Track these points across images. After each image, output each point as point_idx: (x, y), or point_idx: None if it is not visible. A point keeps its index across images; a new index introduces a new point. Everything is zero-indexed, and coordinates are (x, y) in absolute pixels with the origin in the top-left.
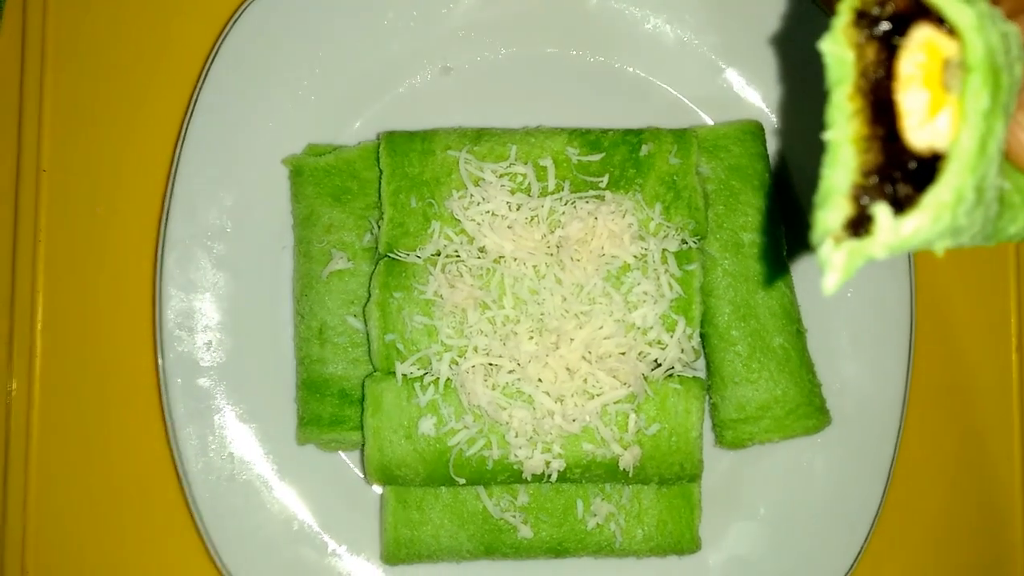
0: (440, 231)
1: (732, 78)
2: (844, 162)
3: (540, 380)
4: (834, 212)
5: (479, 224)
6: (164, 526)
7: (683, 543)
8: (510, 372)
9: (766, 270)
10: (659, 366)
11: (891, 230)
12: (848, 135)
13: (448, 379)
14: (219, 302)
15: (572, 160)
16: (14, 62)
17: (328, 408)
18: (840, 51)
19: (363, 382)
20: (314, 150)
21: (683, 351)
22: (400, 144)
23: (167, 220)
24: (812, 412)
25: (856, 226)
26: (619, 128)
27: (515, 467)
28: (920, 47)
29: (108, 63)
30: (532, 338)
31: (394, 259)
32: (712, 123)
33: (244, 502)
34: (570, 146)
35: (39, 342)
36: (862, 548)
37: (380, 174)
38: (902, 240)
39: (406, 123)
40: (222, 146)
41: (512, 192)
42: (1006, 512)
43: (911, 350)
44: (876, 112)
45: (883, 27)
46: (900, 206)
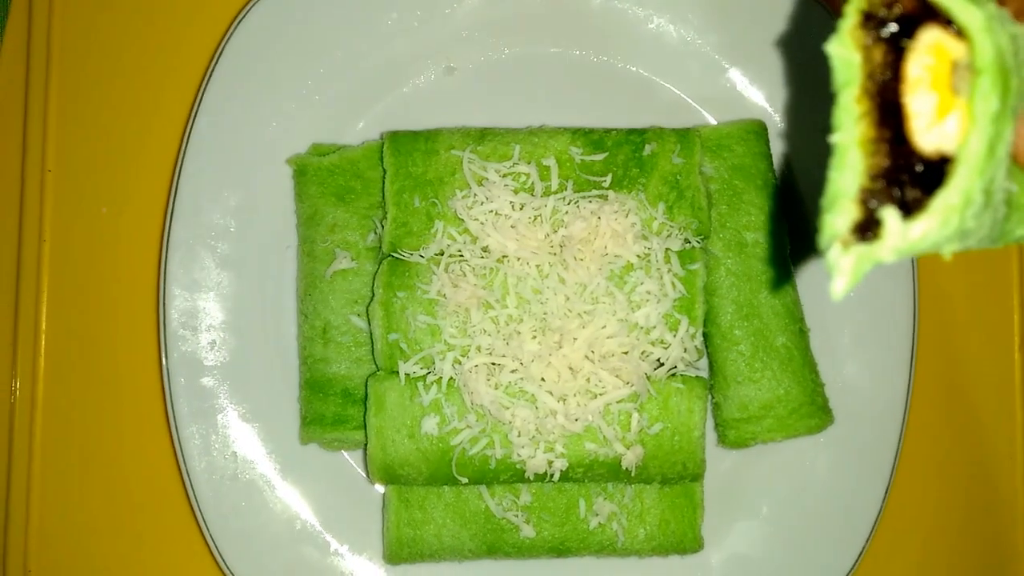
0: (444, 231)
1: (735, 77)
2: (851, 165)
3: (543, 379)
4: (842, 216)
5: (482, 223)
6: (167, 525)
7: (685, 543)
8: (513, 371)
9: (770, 270)
10: (662, 365)
11: (899, 234)
12: (855, 138)
13: (451, 378)
14: (223, 301)
15: (575, 160)
16: (20, 63)
17: (331, 407)
18: (847, 53)
19: (366, 381)
20: (318, 150)
21: (686, 350)
22: (404, 144)
23: (171, 220)
24: (815, 411)
25: (864, 230)
26: (622, 128)
27: (518, 466)
28: (928, 49)
29: (113, 64)
30: (535, 337)
31: (398, 259)
32: (715, 123)
33: (247, 501)
34: (573, 145)
35: (43, 342)
36: (864, 547)
37: (384, 174)
38: (911, 244)
39: (410, 123)
40: (226, 146)
41: (515, 192)
42: (1008, 512)
43: (914, 350)
44: (883, 115)
45: (890, 29)
46: (908, 209)
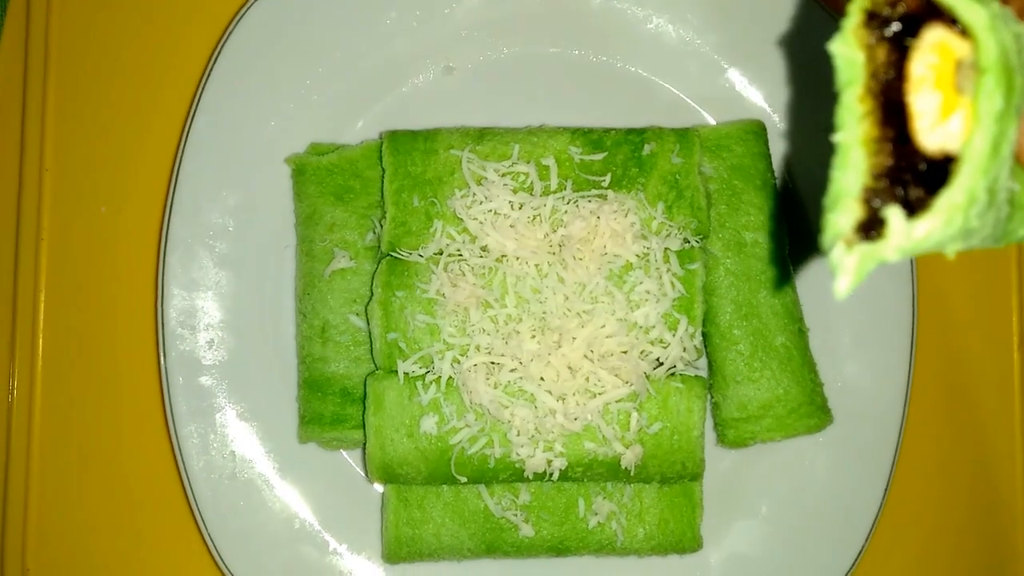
0: (442, 230)
1: (734, 78)
2: (854, 164)
3: (542, 379)
4: (845, 215)
5: (481, 223)
6: (165, 524)
7: (684, 542)
8: (512, 371)
9: (770, 270)
10: (661, 365)
11: (903, 233)
12: (858, 137)
13: (450, 378)
14: (221, 301)
15: (574, 159)
16: (18, 61)
17: (330, 407)
18: (850, 52)
19: (365, 380)
20: (317, 149)
21: (685, 350)
22: (403, 143)
23: (169, 219)
24: (814, 411)
25: (867, 229)
26: (621, 127)
27: (517, 466)
28: (932, 48)
29: (111, 62)
30: (534, 337)
31: (396, 258)
32: (714, 123)
33: (245, 501)
34: (572, 145)
35: (41, 341)
36: (863, 547)
37: (383, 173)
38: (914, 243)
39: (409, 122)
40: (225, 145)
41: (515, 191)
42: (1008, 511)
43: (913, 349)
44: (886, 114)
45: (894, 28)
46: (912, 209)
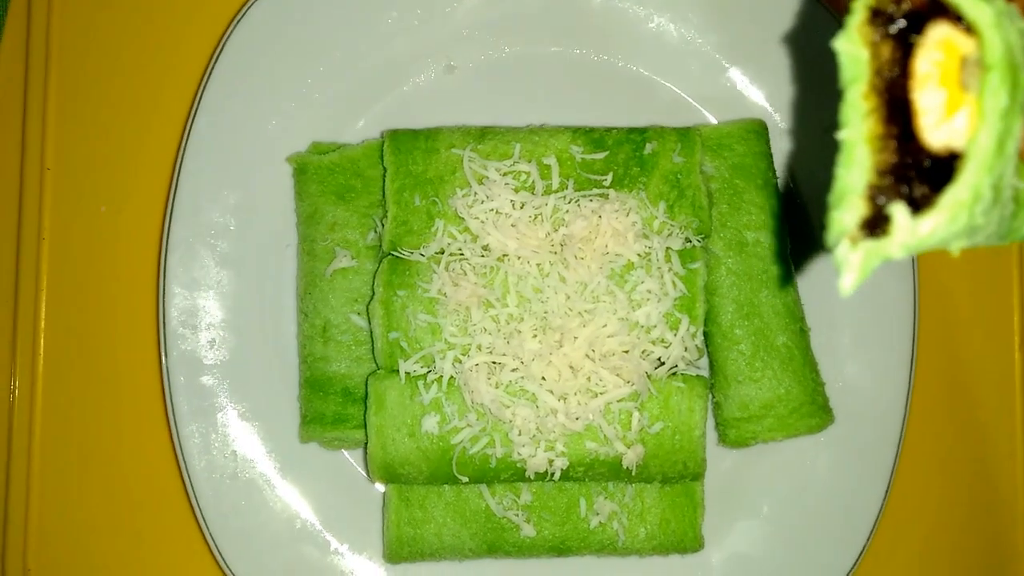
0: (444, 229)
1: (736, 77)
2: (859, 161)
3: (543, 378)
4: (850, 212)
5: (483, 222)
6: (166, 524)
7: (686, 542)
8: (513, 370)
9: (774, 268)
10: (662, 364)
11: (908, 230)
12: (862, 134)
13: (451, 377)
14: (222, 300)
15: (576, 158)
16: (18, 61)
17: (331, 406)
18: (855, 50)
19: (366, 380)
20: (318, 148)
21: (687, 349)
22: (404, 142)
23: (171, 218)
24: (815, 411)
25: (872, 226)
26: (623, 126)
27: (518, 465)
28: (937, 45)
29: (112, 62)
30: (536, 336)
31: (398, 257)
32: (716, 122)
33: (246, 500)
34: (574, 144)
35: (42, 340)
36: (865, 546)
37: (384, 172)
38: (919, 240)
39: (410, 121)
40: (226, 144)
41: (516, 190)
42: (1009, 511)
43: (914, 349)
44: (891, 111)
45: (898, 25)
46: (916, 206)
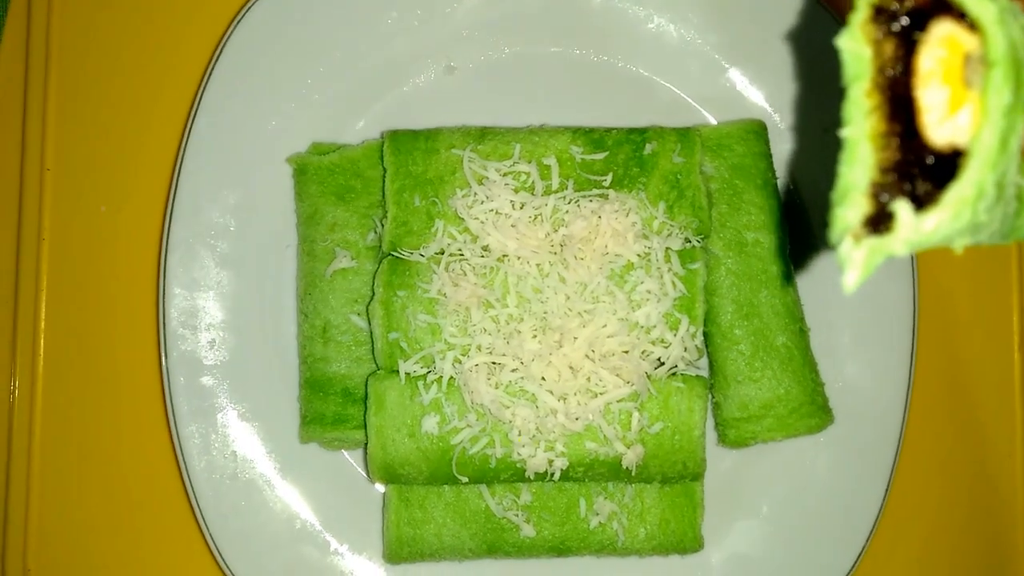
0: (444, 230)
1: (735, 77)
2: (862, 159)
3: (543, 378)
4: (853, 209)
5: (483, 223)
6: (166, 524)
7: (686, 542)
8: (513, 371)
9: (776, 266)
10: (662, 364)
11: (912, 227)
12: (865, 132)
13: (451, 377)
14: (222, 301)
15: (576, 159)
16: (18, 61)
17: (331, 407)
18: (858, 47)
19: (366, 380)
20: (318, 149)
21: (686, 350)
22: (404, 143)
23: (171, 219)
24: (815, 411)
25: (875, 223)
26: (623, 127)
27: (518, 466)
28: (940, 42)
29: (112, 62)
30: (535, 336)
31: (398, 258)
32: (715, 122)
33: (246, 501)
34: (574, 145)
35: (42, 341)
36: (864, 547)
37: (384, 173)
38: (923, 237)
39: (410, 122)
40: (226, 145)
41: (516, 191)
42: (1008, 511)
43: (913, 349)
44: (894, 108)
45: (901, 23)
46: (919, 203)
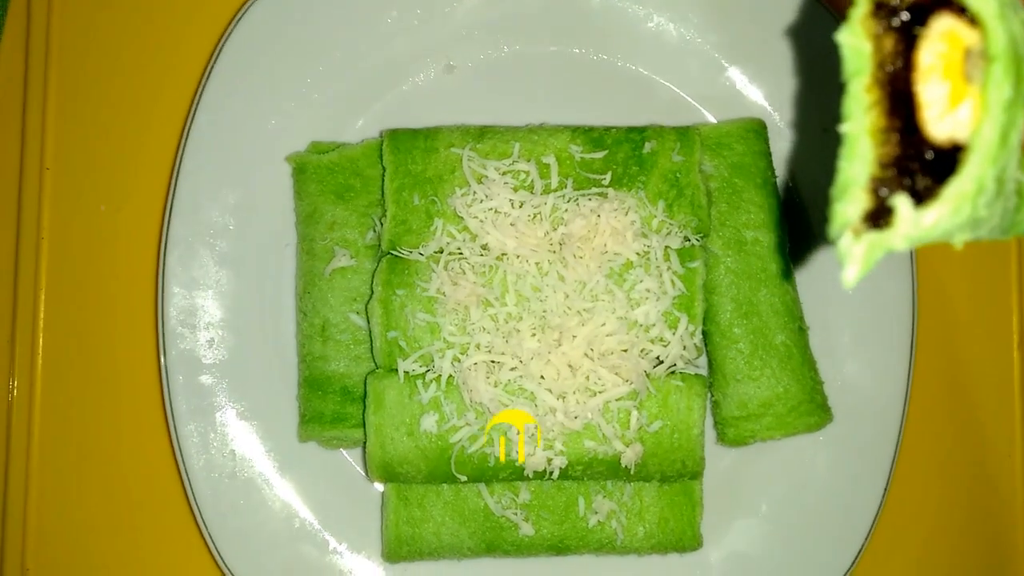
0: (443, 228)
1: (735, 76)
2: (862, 154)
3: (542, 377)
4: (852, 204)
5: (482, 221)
6: (165, 523)
7: (684, 540)
8: (512, 369)
9: (776, 264)
10: (661, 363)
11: (911, 221)
12: (865, 127)
13: (450, 376)
14: (221, 299)
15: (575, 157)
16: (18, 60)
17: (330, 405)
18: (858, 42)
19: (365, 379)
20: (317, 148)
21: (685, 348)
22: (403, 141)
23: (170, 218)
24: (814, 409)
25: (875, 218)
26: (622, 126)
27: (517, 464)
28: (940, 37)
29: (112, 61)
30: (534, 335)
31: (397, 256)
32: (715, 121)
33: (245, 499)
34: (573, 143)
35: (41, 339)
36: (863, 545)
37: (383, 171)
38: (923, 231)
39: (409, 121)
40: (225, 144)
41: (515, 189)
42: (1008, 511)
43: (913, 347)
44: (894, 104)
45: (901, 18)
46: (919, 198)
